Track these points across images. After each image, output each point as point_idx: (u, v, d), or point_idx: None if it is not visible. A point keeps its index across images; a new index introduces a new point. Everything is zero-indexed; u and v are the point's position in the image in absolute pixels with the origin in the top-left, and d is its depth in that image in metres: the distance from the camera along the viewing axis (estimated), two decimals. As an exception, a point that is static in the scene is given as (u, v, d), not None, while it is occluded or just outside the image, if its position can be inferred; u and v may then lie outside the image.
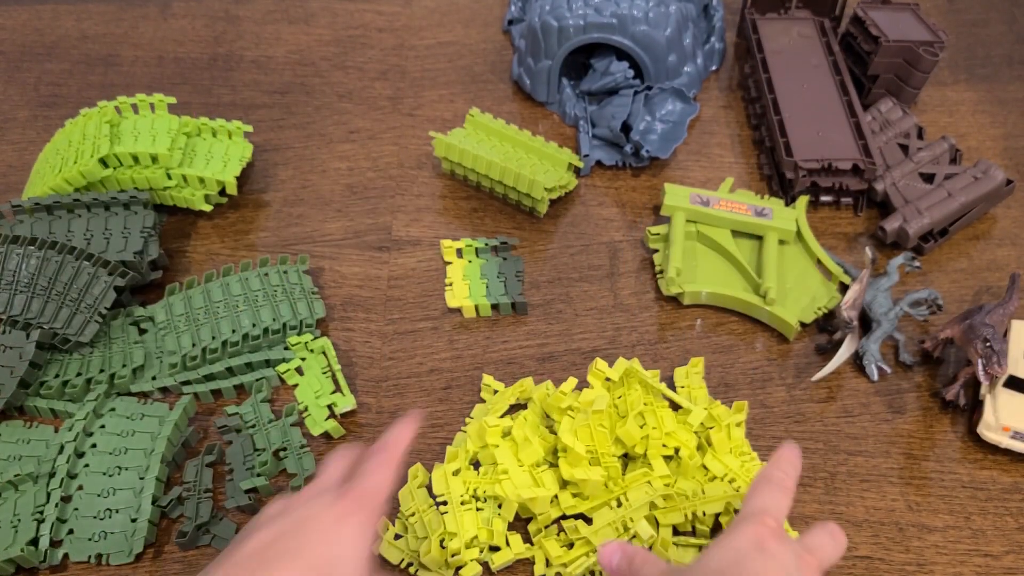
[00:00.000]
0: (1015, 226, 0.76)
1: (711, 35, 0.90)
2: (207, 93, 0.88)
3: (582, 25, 0.79)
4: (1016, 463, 0.61)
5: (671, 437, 0.59)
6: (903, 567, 0.57)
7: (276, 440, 0.61)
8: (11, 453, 0.60)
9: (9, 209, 0.70)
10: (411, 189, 0.79)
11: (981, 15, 0.97)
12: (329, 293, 0.71)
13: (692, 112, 0.81)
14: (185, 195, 0.73)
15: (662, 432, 0.59)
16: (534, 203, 0.74)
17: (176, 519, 0.58)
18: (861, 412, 0.64)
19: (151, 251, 0.69)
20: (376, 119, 0.85)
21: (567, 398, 0.58)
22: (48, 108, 0.86)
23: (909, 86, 0.82)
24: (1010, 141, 0.83)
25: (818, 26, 0.87)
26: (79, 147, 0.72)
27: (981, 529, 0.58)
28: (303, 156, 0.82)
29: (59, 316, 0.64)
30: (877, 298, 0.67)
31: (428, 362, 0.67)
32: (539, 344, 0.68)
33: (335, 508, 0.45)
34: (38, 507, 0.57)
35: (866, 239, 0.75)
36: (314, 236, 0.75)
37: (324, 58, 0.91)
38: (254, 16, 0.96)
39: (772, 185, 0.79)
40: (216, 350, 0.65)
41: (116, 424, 0.61)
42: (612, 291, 0.71)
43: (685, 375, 0.65)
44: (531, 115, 0.85)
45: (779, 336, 0.68)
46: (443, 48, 0.92)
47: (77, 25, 0.95)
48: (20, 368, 0.62)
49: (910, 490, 0.60)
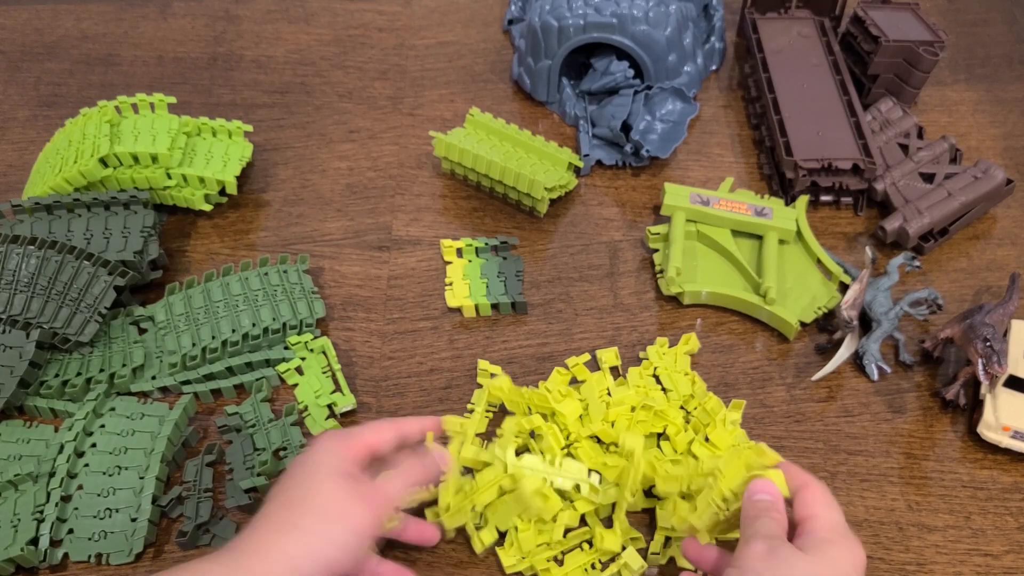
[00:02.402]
0: (1015, 226, 0.76)
1: (711, 35, 0.90)
2: (207, 93, 0.88)
3: (582, 25, 0.79)
4: (1016, 463, 0.61)
5: (659, 416, 0.60)
6: (903, 567, 0.57)
7: (276, 440, 0.61)
8: (11, 453, 0.60)
9: (9, 209, 0.70)
10: (411, 189, 0.79)
11: (981, 15, 0.97)
12: (329, 293, 0.71)
13: (692, 112, 0.81)
14: (185, 195, 0.73)
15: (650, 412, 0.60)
16: (534, 203, 0.74)
17: (176, 519, 0.58)
18: (861, 412, 0.64)
19: (151, 251, 0.69)
20: (376, 119, 0.85)
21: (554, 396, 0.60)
22: (48, 108, 0.86)
23: (909, 86, 0.82)
24: (1010, 141, 0.83)
25: (818, 26, 0.87)
26: (79, 147, 0.72)
27: (981, 529, 0.58)
28: (303, 156, 0.82)
29: (59, 316, 0.64)
30: (877, 298, 0.67)
31: (428, 362, 0.67)
32: (539, 344, 0.68)
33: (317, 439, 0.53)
34: (38, 507, 0.57)
35: (866, 239, 0.75)
36: (314, 236, 0.75)
37: (324, 58, 0.91)
38: (254, 16, 0.96)
39: (772, 185, 0.79)
40: (216, 350, 0.65)
41: (116, 424, 0.61)
42: (612, 291, 0.71)
43: (659, 355, 0.66)
44: (531, 115, 0.85)
45: (779, 336, 0.68)
46: (443, 48, 0.92)
47: (77, 25, 0.95)
48: (20, 368, 0.62)
49: (910, 490, 0.60)
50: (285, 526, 0.48)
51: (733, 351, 0.68)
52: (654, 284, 0.72)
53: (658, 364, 0.65)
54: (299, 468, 0.51)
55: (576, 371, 0.65)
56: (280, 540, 0.48)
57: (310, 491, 0.50)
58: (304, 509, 0.49)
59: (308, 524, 0.48)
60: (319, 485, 0.50)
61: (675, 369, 0.65)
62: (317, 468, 0.51)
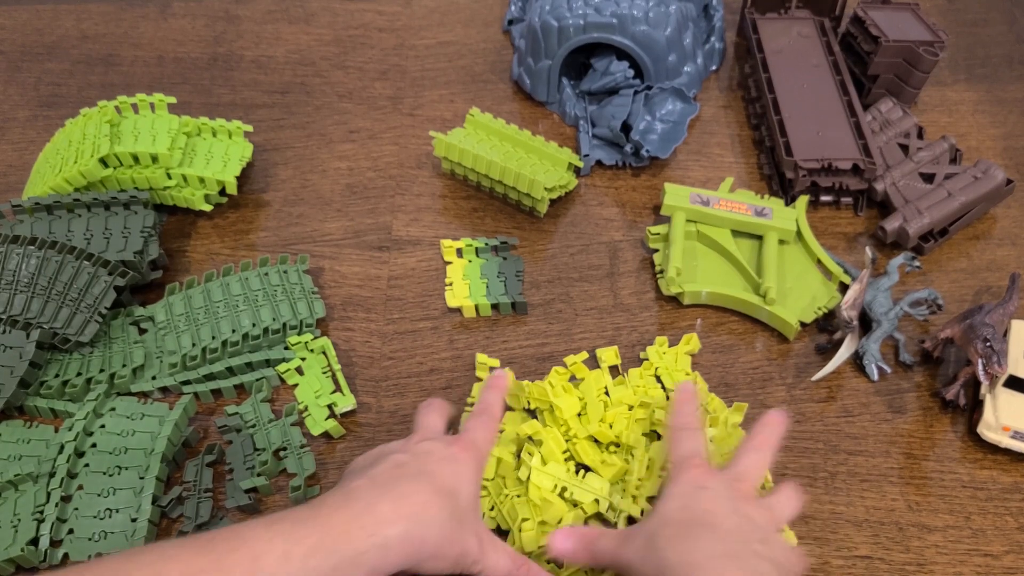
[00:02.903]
0: (1015, 226, 0.76)
1: (711, 35, 0.90)
2: (207, 93, 0.88)
3: (582, 25, 0.79)
4: (1016, 463, 0.61)
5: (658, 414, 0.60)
6: (903, 567, 0.57)
7: (276, 440, 0.61)
8: (11, 453, 0.60)
9: (9, 209, 0.70)
10: (411, 189, 0.79)
11: (981, 15, 0.97)
12: (329, 293, 0.71)
13: (692, 112, 0.81)
14: (185, 195, 0.73)
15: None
16: (534, 203, 0.74)
17: (176, 519, 0.58)
18: (861, 412, 0.64)
19: (151, 251, 0.69)
20: (376, 119, 0.85)
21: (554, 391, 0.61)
22: (48, 108, 0.86)
23: (909, 86, 0.82)
24: (1010, 141, 0.83)
25: (818, 26, 0.87)
26: (79, 147, 0.72)
27: (981, 529, 0.58)
28: (303, 156, 0.82)
29: (59, 316, 0.64)
30: (877, 298, 0.67)
31: (428, 362, 0.67)
32: (539, 344, 0.68)
33: (452, 448, 0.51)
34: (38, 507, 0.57)
35: (866, 239, 0.75)
36: (314, 236, 0.75)
37: (324, 58, 0.91)
38: (254, 16, 0.96)
39: (772, 185, 0.79)
40: (216, 350, 0.65)
41: (116, 424, 0.61)
42: (612, 291, 0.71)
43: (659, 354, 0.66)
44: (531, 115, 0.86)
45: (779, 336, 0.68)
46: (443, 48, 0.92)
47: (77, 25, 0.95)
48: (20, 368, 0.62)
49: (910, 490, 0.60)
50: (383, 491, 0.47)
51: (733, 351, 0.68)
52: (654, 284, 0.72)
53: (659, 364, 0.65)
54: (445, 464, 0.50)
55: (574, 369, 0.65)
56: (373, 500, 0.47)
57: (455, 492, 0.49)
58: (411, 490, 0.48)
59: (406, 489, 0.47)
60: (460, 494, 0.49)
61: (676, 368, 0.65)
62: (461, 479, 0.50)
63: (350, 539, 0.45)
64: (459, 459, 0.51)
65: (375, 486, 0.48)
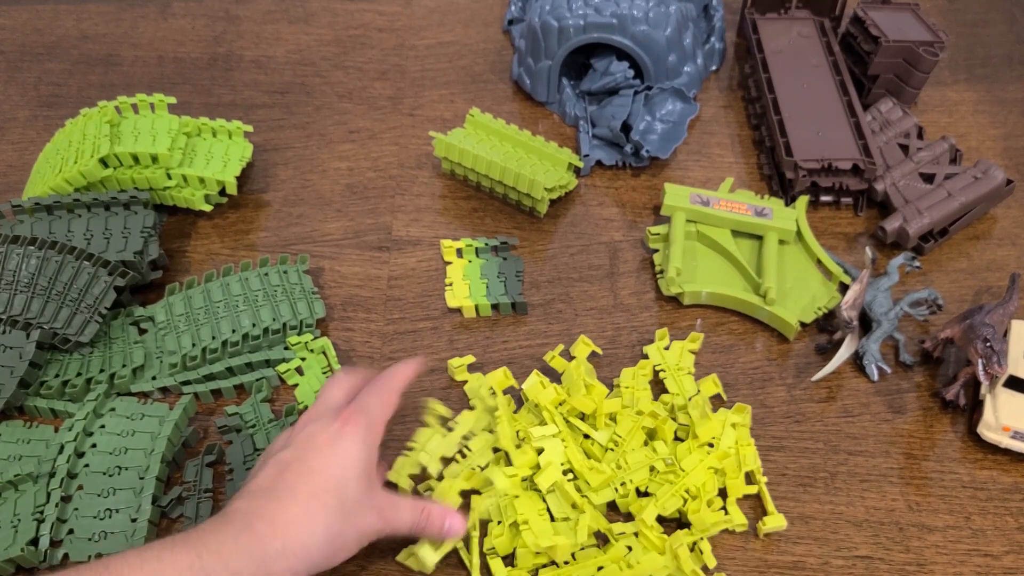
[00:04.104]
0: (1015, 226, 0.76)
1: (711, 35, 0.90)
2: (207, 93, 0.88)
3: (582, 25, 0.79)
4: (1016, 463, 0.61)
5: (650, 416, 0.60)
6: (903, 567, 0.57)
7: (276, 440, 0.61)
8: (11, 453, 0.60)
9: (9, 209, 0.70)
10: (411, 189, 0.79)
11: (981, 15, 0.97)
12: (329, 293, 0.71)
13: (692, 112, 0.81)
14: (185, 195, 0.73)
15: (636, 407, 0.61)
16: (534, 203, 0.74)
17: (176, 519, 0.58)
18: (861, 412, 0.64)
19: (151, 251, 0.69)
20: (376, 119, 0.85)
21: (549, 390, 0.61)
22: (48, 108, 0.86)
23: (909, 86, 0.82)
24: (1010, 141, 0.83)
25: (818, 26, 0.87)
26: (79, 147, 0.72)
27: (981, 529, 0.58)
28: (303, 156, 0.82)
29: (59, 316, 0.64)
30: (877, 298, 0.67)
31: (428, 362, 0.67)
32: (539, 344, 0.68)
33: (331, 427, 0.50)
34: (38, 507, 0.57)
35: (866, 239, 0.75)
36: (314, 236, 0.75)
37: (324, 58, 0.91)
38: (254, 16, 0.96)
39: (772, 185, 0.79)
40: (216, 350, 0.65)
41: (116, 424, 0.61)
42: (612, 291, 0.71)
43: (660, 351, 0.66)
44: (531, 115, 0.86)
45: (779, 336, 0.68)
46: (443, 48, 0.92)
47: (77, 25, 0.95)
48: (20, 368, 0.62)
49: (910, 490, 0.60)
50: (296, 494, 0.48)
51: (733, 351, 0.68)
52: (654, 284, 0.72)
53: (659, 363, 0.65)
54: (325, 451, 0.49)
55: (554, 363, 0.65)
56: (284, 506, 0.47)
57: (339, 483, 0.49)
58: (324, 494, 0.48)
59: (322, 501, 0.48)
60: (345, 482, 0.49)
61: (679, 367, 0.65)
62: (346, 462, 0.49)
63: (224, 559, 0.45)
64: (343, 434, 0.50)
65: (254, 499, 0.48)
